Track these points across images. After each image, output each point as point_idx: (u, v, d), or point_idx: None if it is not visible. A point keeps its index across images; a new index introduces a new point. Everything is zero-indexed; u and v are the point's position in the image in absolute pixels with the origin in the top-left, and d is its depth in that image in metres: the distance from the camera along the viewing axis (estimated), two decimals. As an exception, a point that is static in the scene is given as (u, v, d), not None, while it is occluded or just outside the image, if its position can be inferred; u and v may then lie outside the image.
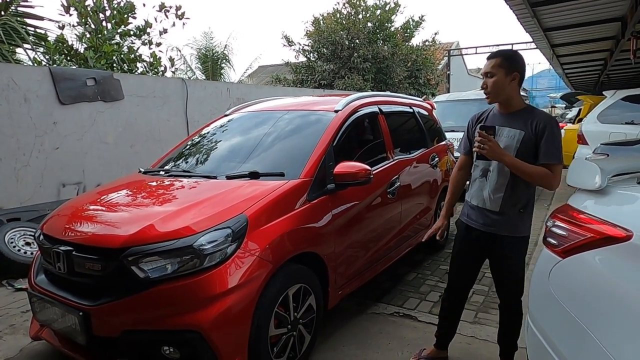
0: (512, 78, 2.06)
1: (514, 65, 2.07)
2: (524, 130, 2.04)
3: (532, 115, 2.07)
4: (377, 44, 14.33)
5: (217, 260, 2.01)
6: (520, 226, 2.15)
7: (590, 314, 1.43)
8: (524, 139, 2.04)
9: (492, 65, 2.07)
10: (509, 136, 2.08)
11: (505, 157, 2.00)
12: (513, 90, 2.09)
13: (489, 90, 2.09)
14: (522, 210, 2.13)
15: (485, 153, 2.00)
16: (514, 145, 2.06)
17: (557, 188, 2.08)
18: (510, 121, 2.11)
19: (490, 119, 2.21)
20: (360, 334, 2.87)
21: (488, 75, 2.08)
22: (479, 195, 2.20)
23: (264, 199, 2.32)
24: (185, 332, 1.92)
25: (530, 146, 2.03)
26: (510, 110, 2.14)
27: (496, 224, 2.15)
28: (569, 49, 8.71)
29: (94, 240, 2.10)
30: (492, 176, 2.14)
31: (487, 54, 2.20)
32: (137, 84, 5.90)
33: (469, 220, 2.28)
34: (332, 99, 3.58)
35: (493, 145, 1.98)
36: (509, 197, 2.11)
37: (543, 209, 6.44)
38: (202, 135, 3.50)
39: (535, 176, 2.01)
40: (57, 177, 4.97)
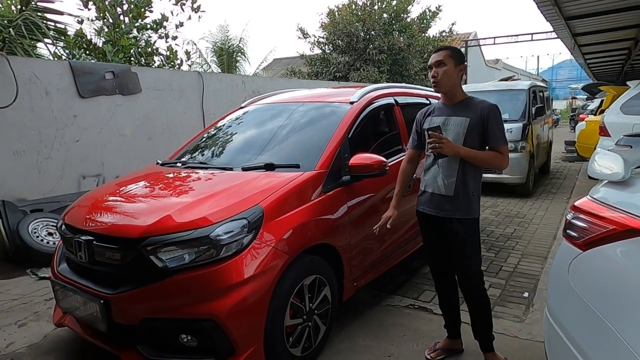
0: (459, 70, 2.25)
1: (461, 58, 2.27)
2: (470, 117, 2.21)
3: (476, 104, 2.25)
4: (393, 35, 14.16)
5: (233, 250, 2.03)
6: (472, 208, 2.28)
7: (611, 308, 1.40)
8: (470, 125, 2.20)
9: (444, 55, 2.22)
10: (456, 124, 2.24)
11: (460, 150, 2.17)
12: (458, 81, 2.28)
13: (439, 78, 2.23)
14: (474, 193, 2.28)
15: (442, 151, 2.15)
16: (462, 132, 2.22)
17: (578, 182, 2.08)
18: (456, 111, 2.27)
19: (437, 110, 2.37)
20: (375, 326, 2.87)
21: (438, 64, 2.23)
22: (434, 182, 2.32)
23: (280, 190, 2.33)
24: (201, 320, 1.95)
25: (476, 132, 2.21)
26: (454, 100, 2.30)
27: (451, 208, 2.27)
28: (591, 38, 8.46)
29: (113, 230, 2.14)
30: (444, 163, 2.27)
31: (506, 45, 2.26)
32: (154, 77, 5.97)
33: (424, 208, 2.39)
34: (347, 90, 3.56)
35: (447, 142, 2.14)
36: (461, 181, 2.24)
37: (563, 202, 6.33)
38: (218, 127, 3.53)
39: (488, 160, 2.21)
40: (77, 169, 5.08)
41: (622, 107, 6.24)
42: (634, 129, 5.73)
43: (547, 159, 8.88)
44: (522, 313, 3.03)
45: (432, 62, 2.26)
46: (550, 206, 6.16)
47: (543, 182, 8.08)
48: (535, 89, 7.58)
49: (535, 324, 2.85)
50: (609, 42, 8.99)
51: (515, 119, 6.69)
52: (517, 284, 3.54)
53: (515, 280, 3.60)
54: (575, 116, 17.66)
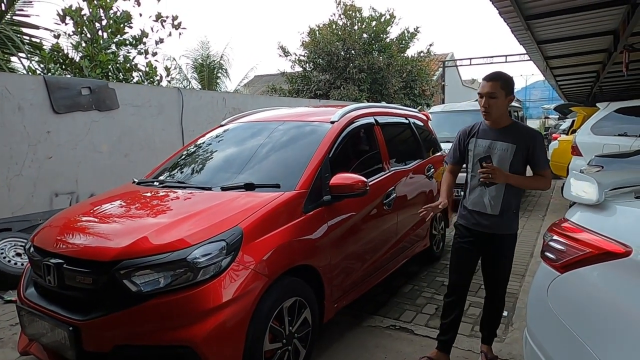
0: (509, 100, 2.34)
1: (511, 89, 2.34)
2: (516, 144, 2.33)
3: (520, 131, 2.38)
4: (373, 55, 14.43)
5: (211, 273, 1.98)
6: (514, 225, 2.47)
7: (589, 331, 1.41)
8: (516, 152, 2.32)
9: (495, 87, 2.28)
10: (502, 149, 2.35)
11: (510, 178, 2.30)
12: (506, 109, 2.39)
13: (490, 110, 2.32)
14: (515, 211, 2.45)
15: (494, 180, 2.29)
16: (508, 157, 2.34)
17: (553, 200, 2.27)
18: (502, 136, 2.38)
19: (482, 133, 2.45)
20: (357, 348, 2.82)
21: (490, 96, 2.29)
22: (479, 201, 2.44)
23: (259, 211, 2.29)
24: (177, 347, 1.88)
25: (521, 157, 2.33)
26: (500, 126, 2.40)
27: (496, 225, 2.42)
28: (562, 61, 8.80)
29: (85, 253, 2.06)
30: (491, 185, 2.39)
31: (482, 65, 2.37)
32: (132, 93, 5.88)
33: (468, 223, 2.51)
34: (328, 109, 3.58)
35: (498, 173, 2.26)
36: (507, 202, 2.39)
37: (538, 220, 6.45)
38: (197, 145, 3.48)
39: (535, 185, 2.43)
40: (49, 186, 4.91)
41: (593, 128, 6.47)
42: (604, 149, 5.94)
43: (523, 177, 9.05)
44: (502, 332, 3.03)
45: (484, 92, 2.31)
46: (527, 224, 6.28)
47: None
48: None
49: (514, 343, 2.86)
50: (579, 65, 9.37)
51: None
52: (496, 302, 3.55)
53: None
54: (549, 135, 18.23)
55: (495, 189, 2.38)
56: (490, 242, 2.46)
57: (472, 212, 2.48)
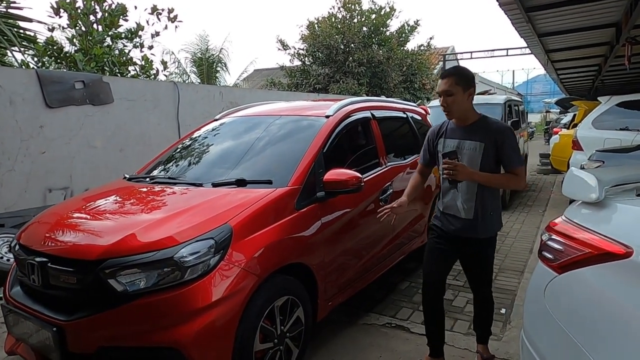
0: (468, 94, 2.20)
1: (469, 82, 2.20)
2: (484, 141, 2.19)
3: (489, 127, 2.23)
4: (372, 48, 14.29)
5: (199, 272, 1.92)
6: (493, 226, 2.34)
7: (587, 333, 1.35)
8: (485, 149, 2.19)
9: (450, 84, 2.17)
10: (471, 148, 2.23)
11: (475, 175, 2.16)
12: (469, 104, 2.23)
13: (450, 108, 2.21)
14: (491, 213, 2.30)
15: (456, 177, 2.13)
16: (477, 156, 2.21)
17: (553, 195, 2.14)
18: (470, 134, 2.25)
19: (450, 132, 2.33)
20: (351, 347, 2.78)
21: (447, 94, 2.18)
22: (452, 205, 2.32)
23: (250, 208, 2.23)
24: (163, 349, 1.83)
25: (491, 155, 2.20)
26: (467, 123, 2.27)
27: (472, 229, 2.29)
28: (564, 54, 8.69)
29: (69, 252, 2.01)
30: (463, 187, 2.26)
31: (483, 59, 2.26)
32: (127, 87, 5.80)
33: (444, 225, 2.39)
34: (323, 103, 3.51)
35: (461, 169, 2.11)
36: (480, 204, 2.26)
37: (538, 215, 6.40)
38: (189, 140, 3.41)
39: (504, 183, 2.33)
40: (43, 182, 4.86)
41: (594, 122, 6.39)
42: (605, 143, 5.86)
43: (523, 172, 8.99)
44: (500, 330, 2.98)
45: (439, 90, 2.22)
46: (527, 219, 6.22)
47: (519, 195, 8.18)
48: (511, 103, 7.71)
49: (512, 341, 2.81)
50: (581, 59, 9.25)
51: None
52: (494, 299, 3.49)
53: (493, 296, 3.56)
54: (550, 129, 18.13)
55: (467, 191, 2.25)
56: (467, 245, 2.35)
57: (446, 215, 2.37)
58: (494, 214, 2.32)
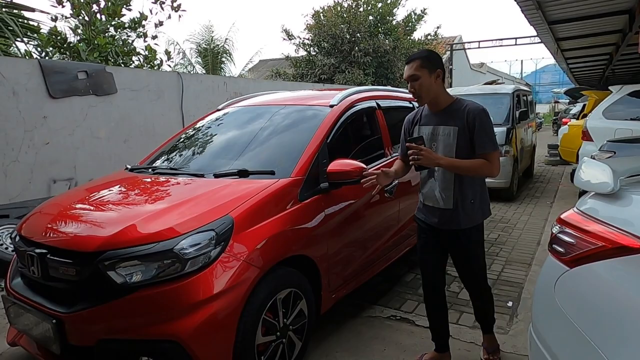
0: (436, 76, 2.11)
1: (434, 64, 2.11)
2: (457, 125, 2.10)
3: (462, 109, 2.11)
4: (379, 38, 14.13)
5: (199, 265, 1.89)
6: (475, 216, 2.21)
7: (599, 330, 1.30)
8: (459, 134, 2.10)
9: (414, 68, 2.09)
10: (445, 134, 2.13)
11: (440, 160, 2.06)
12: (439, 87, 2.14)
13: (418, 93, 2.11)
14: (472, 201, 2.18)
15: (421, 163, 2.03)
16: (452, 143, 2.11)
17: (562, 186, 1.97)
18: (444, 119, 2.15)
19: (424, 119, 2.25)
20: (355, 340, 2.75)
21: (413, 79, 2.10)
22: (432, 195, 2.24)
23: (252, 199, 2.19)
24: (163, 342, 1.80)
25: (466, 139, 2.09)
26: (440, 107, 2.18)
27: (452, 220, 2.19)
28: (574, 42, 8.51)
29: (67, 244, 1.98)
30: (439, 175, 2.19)
31: (491, 48, 2.14)
32: (130, 77, 5.76)
33: (426, 218, 2.32)
34: (327, 93, 3.45)
35: (425, 154, 2.01)
36: (459, 192, 2.16)
37: (546, 207, 6.31)
38: (191, 131, 3.37)
39: (473, 169, 2.09)
40: (47, 173, 4.85)
41: (605, 112, 6.25)
42: (616, 133, 5.74)
43: (531, 163, 8.90)
44: (506, 324, 2.94)
45: (405, 77, 2.14)
46: (534, 211, 6.14)
47: (527, 186, 8.08)
48: (519, 93, 7.58)
49: (519, 335, 2.76)
50: (591, 47, 9.07)
51: (499, 123, 6.64)
52: (501, 292, 3.46)
53: (499, 289, 3.52)
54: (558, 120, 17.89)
55: (444, 179, 2.16)
56: (452, 238, 2.24)
57: (426, 207, 2.29)
58: (476, 202, 2.19)
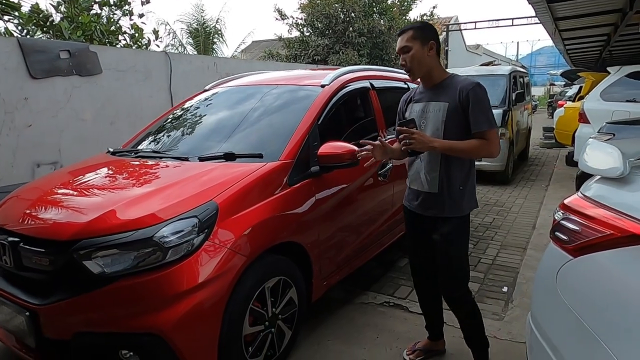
0: (429, 48, 1.97)
1: (428, 35, 1.97)
2: (448, 101, 1.95)
3: (455, 84, 1.96)
4: (373, 18, 13.82)
5: (181, 253, 1.78)
6: (462, 204, 2.03)
7: (604, 323, 1.22)
8: (449, 110, 1.94)
9: (406, 39, 1.96)
10: (435, 110, 1.99)
11: (435, 143, 1.89)
12: (433, 60, 1.99)
13: (409, 66, 1.98)
14: (461, 187, 2.01)
15: (414, 147, 1.89)
16: (441, 119, 1.96)
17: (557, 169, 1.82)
18: (436, 94, 2.01)
19: (418, 95, 2.12)
20: (347, 327, 2.68)
21: (404, 51, 1.97)
22: (416, 178, 2.10)
23: (238, 183, 2.08)
24: (143, 335, 1.70)
25: (457, 117, 1.93)
26: (433, 82, 2.03)
27: (436, 205, 2.04)
28: (572, 22, 8.33)
29: (40, 232, 1.86)
30: (425, 156, 2.04)
31: (487, 30, 1.97)
32: (116, 57, 5.54)
33: (410, 205, 2.18)
34: (319, 72, 3.30)
35: (418, 137, 1.86)
36: (445, 175, 2.00)
37: (541, 190, 6.25)
38: (177, 112, 3.23)
39: (471, 151, 1.92)
40: (30, 156, 4.68)
41: (602, 94, 6.16)
42: (614, 115, 5.65)
43: (526, 146, 8.83)
44: (501, 310, 2.88)
45: (398, 49, 2.00)
46: (529, 194, 6.08)
47: (522, 169, 8.02)
48: (516, 75, 7.45)
49: (514, 321, 2.71)
50: (589, 28, 8.90)
51: (496, 105, 6.53)
52: (496, 277, 3.40)
53: (494, 274, 3.46)
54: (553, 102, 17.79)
55: (430, 159, 2.00)
56: (433, 226, 2.06)
57: (411, 190, 2.15)
58: (465, 189, 2.01)
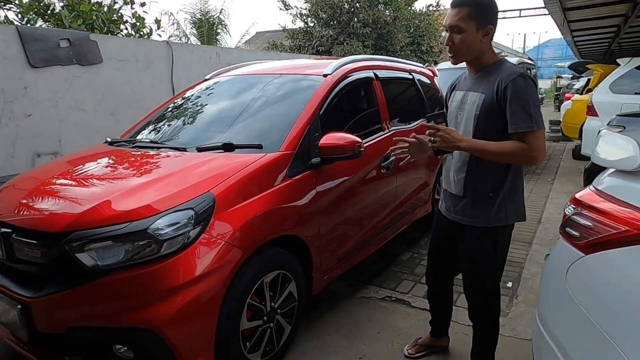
0: (485, 33, 1.66)
1: (487, 17, 1.65)
2: (485, 92, 1.67)
3: (497, 73, 1.67)
4: (378, 8, 13.62)
5: (177, 246, 1.73)
6: (489, 214, 1.74)
7: (618, 326, 1.15)
8: (484, 103, 1.67)
9: (460, 17, 1.63)
10: (471, 102, 1.73)
11: (462, 143, 1.63)
12: (485, 47, 1.69)
13: (456, 49, 1.68)
14: (491, 194, 1.74)
15: (439, 146, 1.65)
16: (474, 113, 1.70)
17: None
18: (477, 83, 1.74)
19: (462, 82, 1.86)
20: (348, 322, 2.63)
21: (455, 30, 1.66)
22: (447, 176, 1.90)
23: (237, 174, 2.02)
24: (137, 330, 1.66)
25: (492, 113, 1.65)
26: (479, 68, 1.75)
27: (462, 210, 1.82)
28: (582, 13, 8.17)
29: (32, 223, 1.82)
30: (455, 154, 1.81)
31: None
32: (117, 46, 5.47)
33: (441, 206, 2.01)
34: (321, 62, 3.23)
35: (443, 135, 1.62)
36: (472, 178, 1.76)
37: (547, 184, 6.15)
38: (176, 102, 3.16)
39: (505, 155, 1.62)
40: (30, 146, 4.64)
41: (612, 86, 6.03)
42: (623, 108, 5.53)
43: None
44: (506, 306, 2.82)
45: (446, 24, 1.68)
46: (535, 188, 5.99)
47: (527, 162, 7.90)
48: (524, 66, 7.32)
49: (519, 318, 2.65)
50: (599, 19, 8.73)
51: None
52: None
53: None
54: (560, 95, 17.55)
55: (459, 158, 1.77)
56: (460, 233, 1.85)
57: (443, 190, 1.97)
58: (497, 197, 1.73)
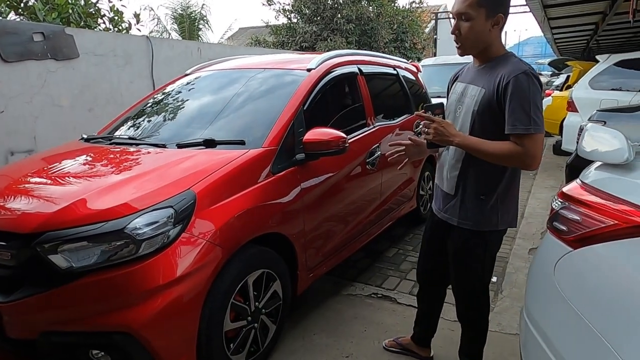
0: (494, 22, 1.54)
1: (498, 4, 1.53)
2: (485, 87, 1.57)
3: (501, 67, 1.56)
4: (362, 4, 13.61)
5: (156, 246, 1.66)
6: (479, 217, 1.67)
7: (607, 321, 1.14)
8: (483, 98, 1.57)
9: (469, 2, 1.51)
10: (471, 96, 1.63)
11: (455, 138, 1.53)
12: (494, 37, 1.58)
13: (462, 39, 1.57)
14: (483, 197, 1.65)
15: (431, 138, 1.56)
16: (472, 108, 1.60)
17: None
18: (479, 76, 1.64)
19: (465, 73, 1.77)
20: (334, 320, 2.60)
21: (462, 18, 1.54)
22: (440, 172, 1.82)
23: (218, 171, 1.96)
24: (114, 333, 1.59)
25: (490, 110, 1.55)
26: (484, 60, 1.64)
27: (450, 210, 1.75)
28: (562, 10, 8.30)
29: (1, 224, 1.72)
30: (450, 150, 1.72)
31: None
32: (94, 40, 5.30)
33: (433, 203, 1.94)
34: (305, 56, 3.18)
35: (437, 127, 1.53)
36: (465, 178, 1.68)
37: (529, 179, 6.22)
38: (156, 98, 3.07)
39: (498, 156, 1.53)
40: (3, 143, 4.46)
41: (591, 82, 6.13)
42: (602, 104, 5.63)
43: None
44: (491, 300, 2.81)
45: (454, 12, 1.56)
46: (517, 183, 6.05)
47: (510, 158, 7.99)
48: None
49: (504, 312, 2.66)
50: (578, 16, 8.89)
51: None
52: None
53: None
54: (541, 92, 17.83)
55: (454, 154, 1.68)
56: (449, 233, 1.79)
57: (435, 186, 1.90)
58: (488, 200, 1.65)
